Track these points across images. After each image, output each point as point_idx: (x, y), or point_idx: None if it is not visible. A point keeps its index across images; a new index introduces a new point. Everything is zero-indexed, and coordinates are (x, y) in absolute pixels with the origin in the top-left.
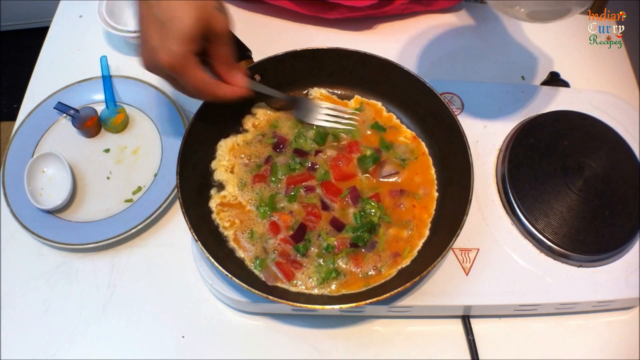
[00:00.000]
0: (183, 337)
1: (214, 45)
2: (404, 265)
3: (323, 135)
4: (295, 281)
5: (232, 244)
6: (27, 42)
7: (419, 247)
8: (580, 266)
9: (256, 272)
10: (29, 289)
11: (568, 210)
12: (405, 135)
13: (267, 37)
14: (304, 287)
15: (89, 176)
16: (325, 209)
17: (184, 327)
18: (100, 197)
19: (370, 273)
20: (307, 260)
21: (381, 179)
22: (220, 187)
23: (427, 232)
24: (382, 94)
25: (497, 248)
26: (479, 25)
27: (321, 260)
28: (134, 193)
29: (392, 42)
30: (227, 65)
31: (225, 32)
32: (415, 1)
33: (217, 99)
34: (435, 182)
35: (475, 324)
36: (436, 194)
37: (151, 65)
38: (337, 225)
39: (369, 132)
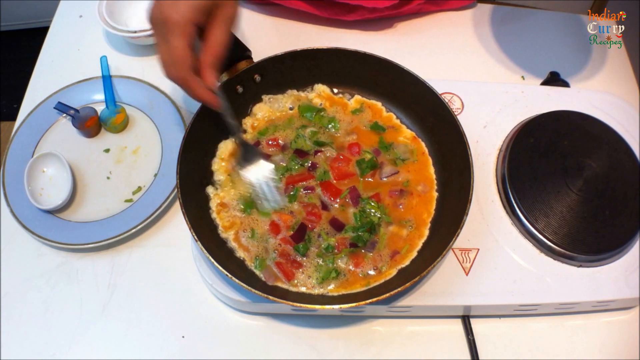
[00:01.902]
0: (183, 337)
1: (211, 26)
2: (403, 265)
3: (320, 142)
4: (295, 281)
5: (232, 243)
6: (27, 42)
7: (418, 247)
8: (580, 266)
9: (256, 272)
10: (29, 289)
11: (568, 210)
12: (405, 135)
13: (271, 37)
14: (304, 288)
15: (89, 176)
16: (325, 209)
17: (184, 327)
18: (100, 197)
19: (370, 273)
20: (307, 260)
21: (383, 179)
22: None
23: (426, 232)
24: (382, 93)
25: (497, 248)
26: (480, 25)
27: (321, 260)
28: (134, 193)
29: (393, 42)
30: (211, 56)
31: (230, 16)
32: (430, 1)
33: (184, 84)
34: (435, 181)
35: (475, 324)
36: (436, 194)
37: (155, 17)
38: (337, 226)
39: (363, 128)
